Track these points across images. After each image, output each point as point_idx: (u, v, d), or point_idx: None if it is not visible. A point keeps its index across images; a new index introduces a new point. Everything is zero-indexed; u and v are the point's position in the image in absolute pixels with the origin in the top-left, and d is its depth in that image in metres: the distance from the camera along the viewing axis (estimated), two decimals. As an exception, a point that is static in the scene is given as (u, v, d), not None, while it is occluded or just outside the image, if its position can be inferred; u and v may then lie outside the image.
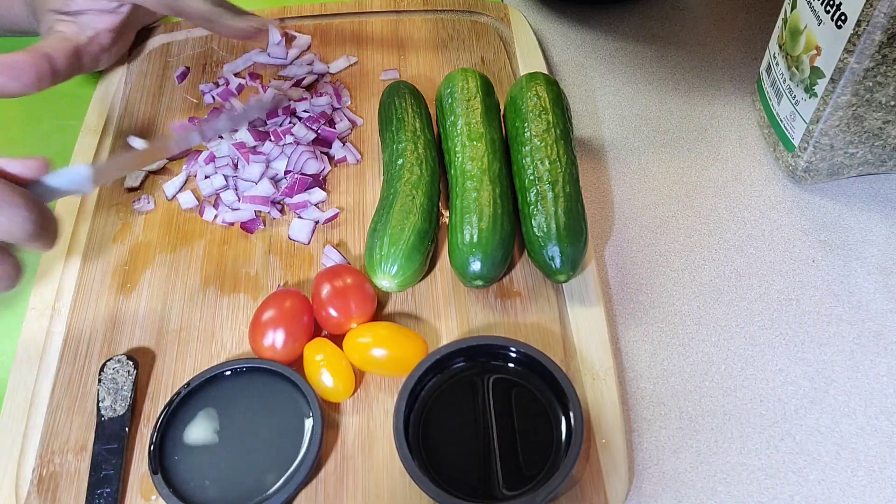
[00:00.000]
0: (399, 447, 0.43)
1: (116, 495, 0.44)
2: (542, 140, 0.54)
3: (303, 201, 0.58)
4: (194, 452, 0.45)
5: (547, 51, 0.72)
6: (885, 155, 0.58)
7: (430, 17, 0.73)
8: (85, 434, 0.48)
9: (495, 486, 0.43)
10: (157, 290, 0.54)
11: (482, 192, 0.52)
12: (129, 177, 0.61)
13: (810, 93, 0.55)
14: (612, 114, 0.67)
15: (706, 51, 0.72)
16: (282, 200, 0.59)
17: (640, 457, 0.47)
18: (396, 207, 0.53)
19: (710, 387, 0.50)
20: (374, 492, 0.45)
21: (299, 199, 0.58)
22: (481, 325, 0.52)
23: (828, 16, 0.51)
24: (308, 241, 0.56)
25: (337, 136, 0.62)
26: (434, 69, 0.68)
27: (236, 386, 0.48)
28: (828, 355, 0.51)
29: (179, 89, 0.68)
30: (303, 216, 0.58)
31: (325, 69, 0.68)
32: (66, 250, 0.57)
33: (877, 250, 0.57)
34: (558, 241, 0.50)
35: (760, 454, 0.47)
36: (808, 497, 0.46)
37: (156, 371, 0.50)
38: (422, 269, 0.53)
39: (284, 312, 0.49)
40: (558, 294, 0.53)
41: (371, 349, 0.48)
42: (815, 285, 0.55)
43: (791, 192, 0.60)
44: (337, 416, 0.48)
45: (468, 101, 0.58)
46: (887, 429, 0.48)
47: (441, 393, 0.47)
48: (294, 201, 0.58)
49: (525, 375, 0.47)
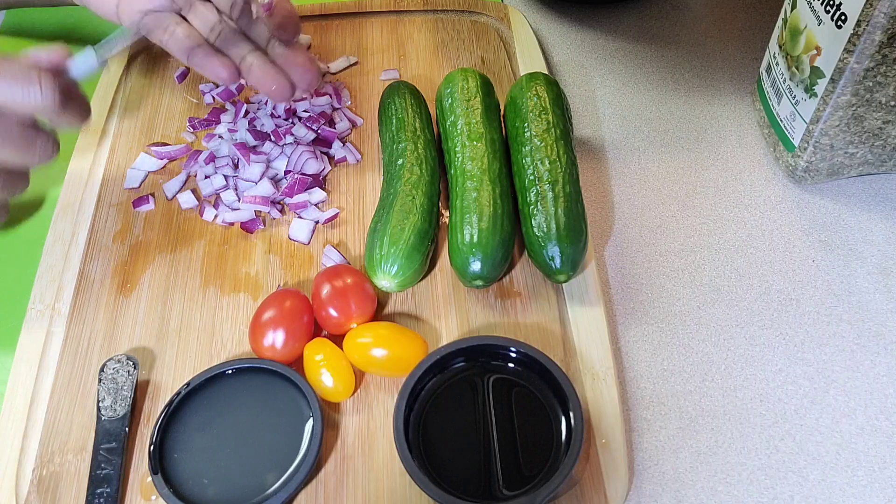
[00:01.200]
0: (399, 447, 0.43)
1: (116, 495, 0.44)
2: (542, 140, 0.54)
3: (303, 201, 0.58)
4: (194, 452, 0.45)
5: (547, 51, 0.72)
6: (885, 155, 0.58)
7: (430, 17, 0.73)
8: (85, 434, 0.48)
9: (495, 486, 0.43)
10: (157, 290, 0.54)
11: (482, 192, 0.52)
12: (129, 178, 0.61)
13: (810, 93, 0.55)
14: (612, 114, 0.67)
15: (706, 51, 0.72)
16: (282, 200, 0.59)
17: (640, 457, 0.47)
18: (396, 207, 0.53)
19: (710, 387, 0.50)
20: (374, 492, 0.45)
21: (299, 199, 0.58)
22: (481, 325, 0.52)
23: (828, 16, 0.51)
24: (308, 241, 0.56)
25: (337, 136, 0.62)
26: (434, 69, 0.68)
27: (236, 386, 0.48)
28: (828, 355, 0.51)
29: (179, 89, 0.68)
30: (303, 216, 0.58)
31: (325, 69, 0.68)
32: (67, 250, 0.57)
33: (877, 250, 0.57)
34: (558, 241, 0.50)
35: (760, 454, 0.47)
36: (808, 497, 0.46)
37: (156, 371, 0.50)
38: (422, 269, 0.53)
39: (284, 312, 0.49)
40: (558, 294, 0.53)
41: (371, 349, 0.48)
42: (815, 285, 0.55)
43: (791, 192, 0.60)
44: (337, 416, 0.48)
45: (468, 101, 0.58)
46: (887, 429, 0.48)
47: (441, 393, 0.47)
48: (294, 201, 0.58)
49: (525, 375, 0.47)
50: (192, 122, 0.64)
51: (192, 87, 0.68)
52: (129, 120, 0.65)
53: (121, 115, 0.66)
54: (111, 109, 0.66)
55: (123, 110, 0.66)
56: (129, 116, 0.66)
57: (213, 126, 0.64)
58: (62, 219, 0.58)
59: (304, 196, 0.58)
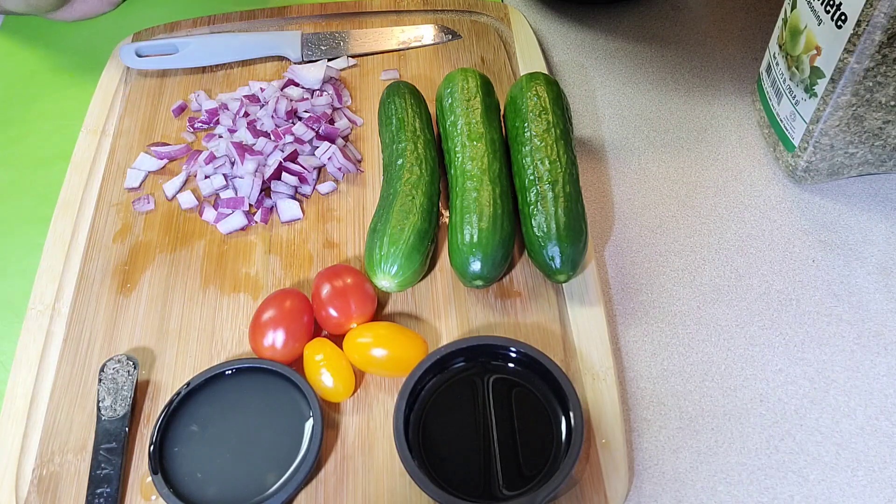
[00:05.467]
0: (399, 447, 0.43)
1: (116, 495, 0.44)
2: (542, 140, 0.54)
3: (283, 181, 0.58)
4: (194, 452, 0.45)
5: (547, 51, 0.72)
6: (885, 155, 0.58)
7: (430, 17, 0.73)
8: (85, 434, 0.48)
9: (495, 486, 0.43)
10: (157, 290, 0.54)
11: (482, 192, 0.52)
12: (129, 178, 0.61)
13: (810, 93, 0.55)
14: (612, 114, 0.67)
15: (706, 51, 0.72)
16: (267, 188, 0.59)
17: (640, 457, 0.47)
18: (396, 207, 0.53)
19: (710, 387, 0.50)
20: (374, 492, 0.45)
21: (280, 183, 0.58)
22: (481, 325, 0.52)
23: (828, 16, 0.51)
24: (302, 216, 0.57)
25: (339, 135, 0.62)
26: (434, 69, 0.68)
27: (236, 386, 0.48)
28: (828, 355, 0.51)
29: (179, 89, 0.68)
30: (285, 193, 0.58)
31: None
32: (67, 250, 0.57)
33: (877, 250, 0.57)
34: (558, 241, 0.50)
35: (760, 454, 0.47)
36: (808, 497, 0.46)
37: (156, 371, 0.50)
38: (422, 269, 0.53)
39: (284, 312, 0.49)
40: (558, 294, 0.53)
41: (371, 349, 0.48)
42: (815, 285, 0.55)
43: (791, 192, 0.60)
44: (337, 416, 0.48)
45: (468, 101, 0.58)
46: (887, 429, 0.48)
47: (441, 393, 0.47)
48: (277, 187, 0.59)
49: (525, 375, 0.47)
50: (191, 122, 0.64)
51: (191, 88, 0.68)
52: (129, 120, 0.65)
53: (121, 115, 0.66)
54: (111, 109, 0.66)
55: (123, 110, 0.66)
56: (129, 116, 0.66)
57: (213, 126, 0.64)
58: (62, 219, 0.58)
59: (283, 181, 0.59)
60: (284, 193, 0.58)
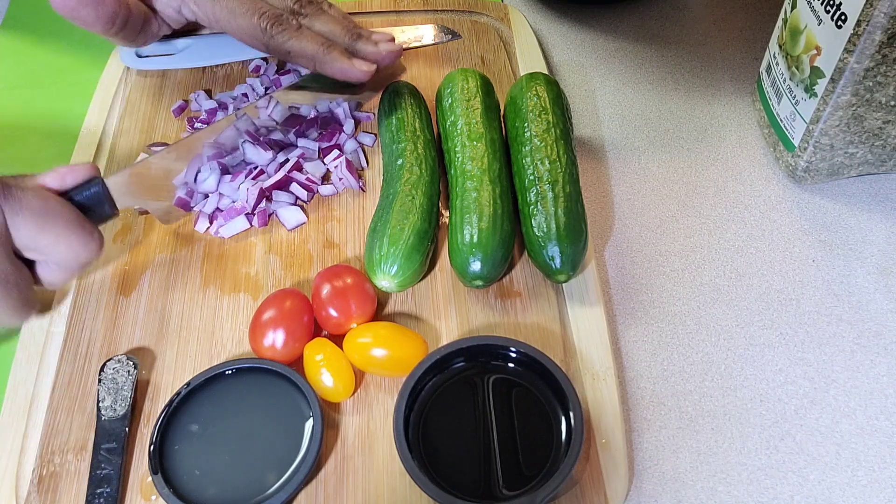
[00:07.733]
0: (399, 447, 0.43)
1: (116, 495, 0.44)
2: (542, 140, 0.54)
3: (285, 190, 0.58)
4: (194, 452, 0.45)
5: (547, 51, 0.72)
6: (885, 155, 0.58)
7: (430, 17, 0.73)
8: (85, 434, 0.48)
9: (495, 486, 0.43)
10: (157, 290, 0.54)
11: (482, 192, 0.52)
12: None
13: (810, 93, 0.55)
14: (612, 114, 0.67)
15: (706, 51, 0.72)
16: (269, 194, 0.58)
17: (640, 457, 0.47)
18: (396, 207, 0.53)
19: (710, 387, 0.50)
20: (374, 492, 0.45)
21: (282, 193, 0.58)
22: (481, 325, 0.52)
23: (828, 16, 0.51)
24: (306, 220, 0.57)
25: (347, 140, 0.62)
26: (434, 69, 0.68)
27: (236, 386, 0.48)
28: (828, 355, 0.51)
29: (180, 89, 0.68)
30: (286, 202, 0.58)
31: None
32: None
33: (877, 250, 0.57)
34: (558, 241, 0.50)
35: (760, 454, 0.47)
36: (808, 497, 0.46)
37: (156, 371, 0.50)
38: (422, 269, 0.53)
39: (284, 312, 0.49)
40: (558, 294, 0.53)
41: (371, 349, 0.48)
42: (815, 285, 0.55)
43: (791, 192, 0.60)
44: (337, 416, 0.48)
45: (468, 101, 0.58)
46: (887, 429, 0.48)
47: (441, 393, 0.47)
48: (278, 196, 0.58)
49: (525, 375, 0.47)
50: (191, 122, 0.64)
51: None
52: (129, 120, 0.65)
53: (121, 115, 0.66)
54: (111, 109, 0.66)
55: (123, 110, 0.66)
56: (129, 116, 0.66)
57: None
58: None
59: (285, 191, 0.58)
60: (286, 202, 0.58)
